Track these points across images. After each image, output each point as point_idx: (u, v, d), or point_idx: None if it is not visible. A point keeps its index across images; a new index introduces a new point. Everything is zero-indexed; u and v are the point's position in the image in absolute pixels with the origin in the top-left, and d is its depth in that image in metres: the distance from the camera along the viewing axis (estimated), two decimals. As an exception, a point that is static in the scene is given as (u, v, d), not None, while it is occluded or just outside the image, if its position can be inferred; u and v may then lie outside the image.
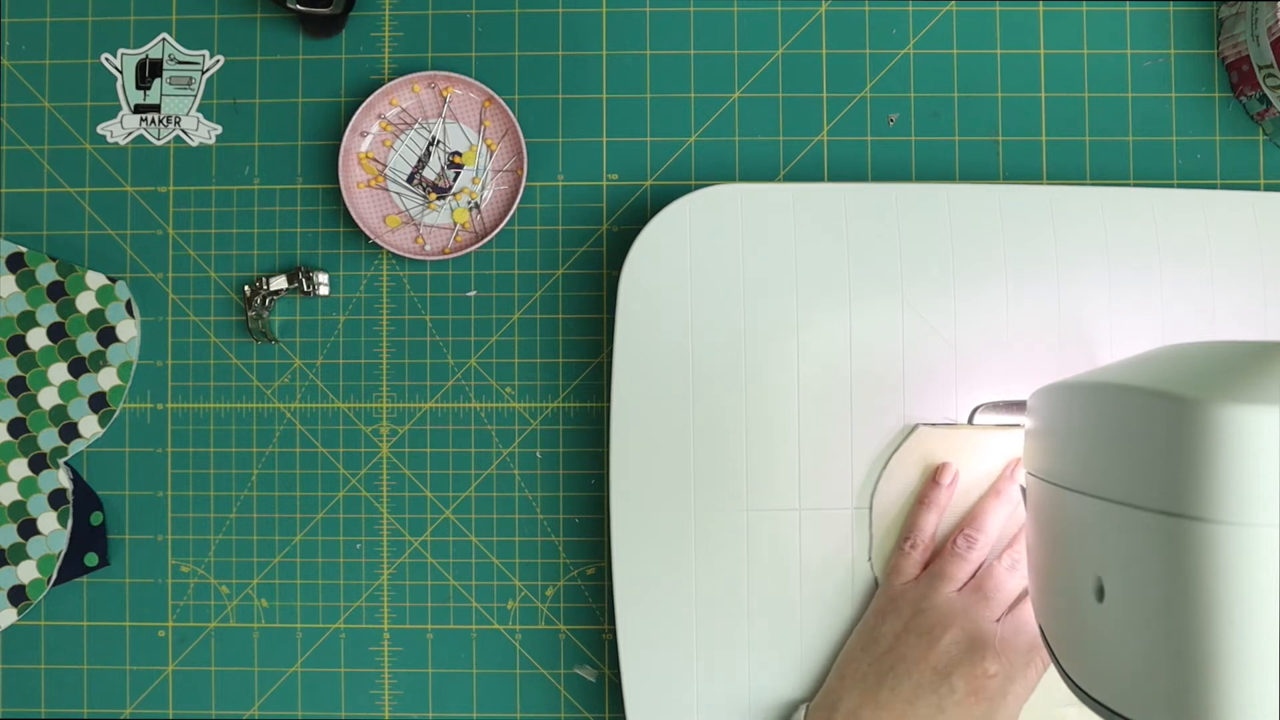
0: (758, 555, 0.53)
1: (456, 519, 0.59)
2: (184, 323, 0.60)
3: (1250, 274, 0.54)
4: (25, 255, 0.59)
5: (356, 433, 0.59)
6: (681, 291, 0.54)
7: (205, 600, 0.59)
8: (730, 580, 0.53)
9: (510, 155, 0.59)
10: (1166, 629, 0.32)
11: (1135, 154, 0.59)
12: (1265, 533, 0.30)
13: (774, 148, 0.59)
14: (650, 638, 0.53)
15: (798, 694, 0.53)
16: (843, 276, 0.54)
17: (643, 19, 0.60)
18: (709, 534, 0.53)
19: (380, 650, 0.59)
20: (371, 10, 0.60)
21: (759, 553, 0.53)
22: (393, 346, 0.60)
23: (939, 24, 0.59)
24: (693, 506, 0.53)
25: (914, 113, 0.59)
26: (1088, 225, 0.54)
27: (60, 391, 0.59)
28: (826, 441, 0.53)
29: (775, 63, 0.59)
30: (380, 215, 0.59)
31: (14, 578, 0.59)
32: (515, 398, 0.59)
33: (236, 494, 0.60)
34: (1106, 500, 0.36)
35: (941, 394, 0.53)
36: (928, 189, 0.55)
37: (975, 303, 0.54)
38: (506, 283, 0.60)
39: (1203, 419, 0.31)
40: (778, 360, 0.54)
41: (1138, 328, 0.54)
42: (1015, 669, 0.48)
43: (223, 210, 0.60)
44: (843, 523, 0.53)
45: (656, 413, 0.53)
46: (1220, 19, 0.59)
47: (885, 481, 0.53)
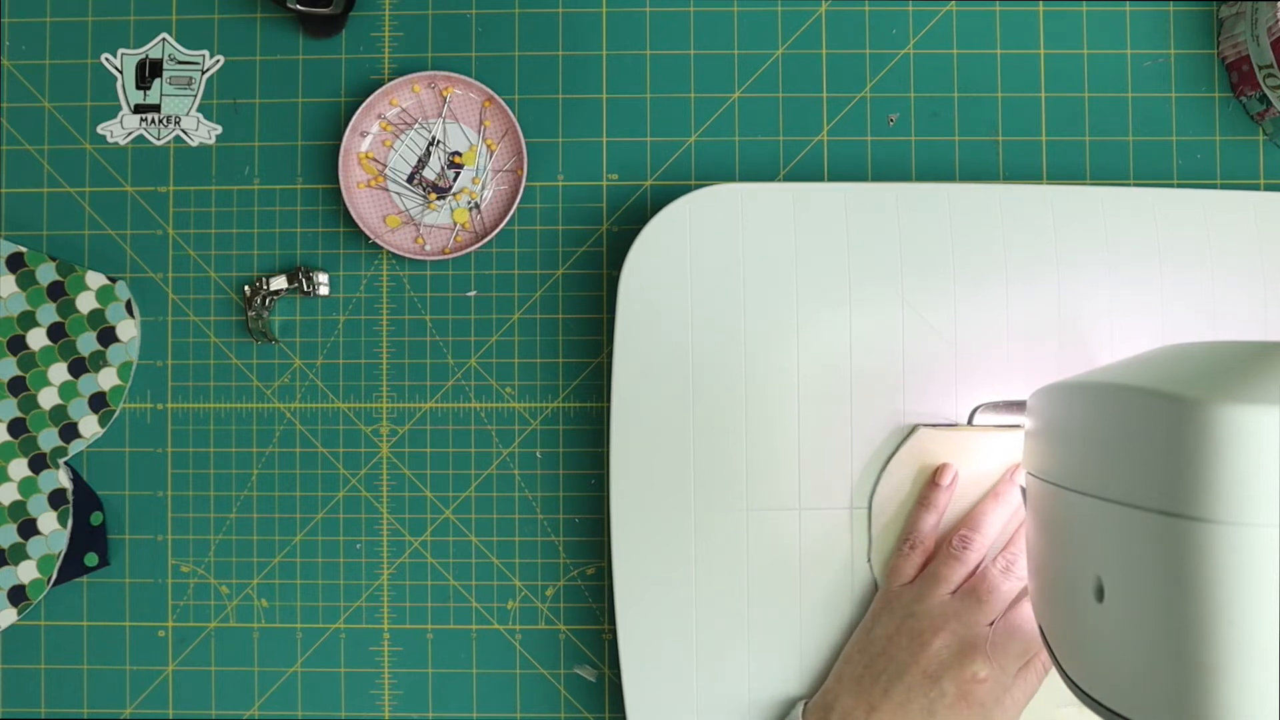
0: (758, 555, 0.53)
1: (456, 519, 0.59)
2: (184, 323, 0.60)
3: (1250, 274, 0.54)
4: (25, 255, 0.59)
5: (356, 433, 0.59)
6: (681, 291, 0.54)
7: (205, 600, 0.59)
8: (730, 580, 0.53)
9: (510, 155, 0.59)
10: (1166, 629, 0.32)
11: (1135, 154, 0.59)
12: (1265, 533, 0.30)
13: (774, 148, 0.59)
14: (650, 638, 0.53)
15: (797, 694, 0.53)
16: (843, 276, 0.54)
17: (643, 19, 0.60)
18: (709, 534, 0.53)
19: (380, 650, 0.59)
20: (371, 10, 0.60)
21: (759, 553, 0.53)
22: (393, 346, 0.60)
23: (939, 24, 0.59)
24: (693, 506, 0.53)
25: (914, 113, 0.59)
26: (1088, 225, 0.54)
27: (60, 391, 0.59)
28: (826, 441, 0.53)
29: (775, 63, 0.59)
30: (380, 215, 0.59)
31: (14, 578, 0.59)
32: (515, 398, 0.59)
33: (236, 494, 0.60)
34: (1106, 500, 0.36)
35: (941, 394, 0.53)
36: (928, 189, 0.55)
37: (975, 303, 0.54)
38: (506, 283, 0.60)
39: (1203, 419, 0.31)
40: (777, 360, 0.54)
41: (1138, 328, 0.54)
42: (1007, 674, 0.48)
43: (223, 210, 0.60)
44: (842, 523, 0.53)
45: (656, 413, 0.53)
46: (1220, 19, 0.59)
47: (885, 482, 0.53)
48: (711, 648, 0.53)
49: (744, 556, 0.53)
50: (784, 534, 0.53)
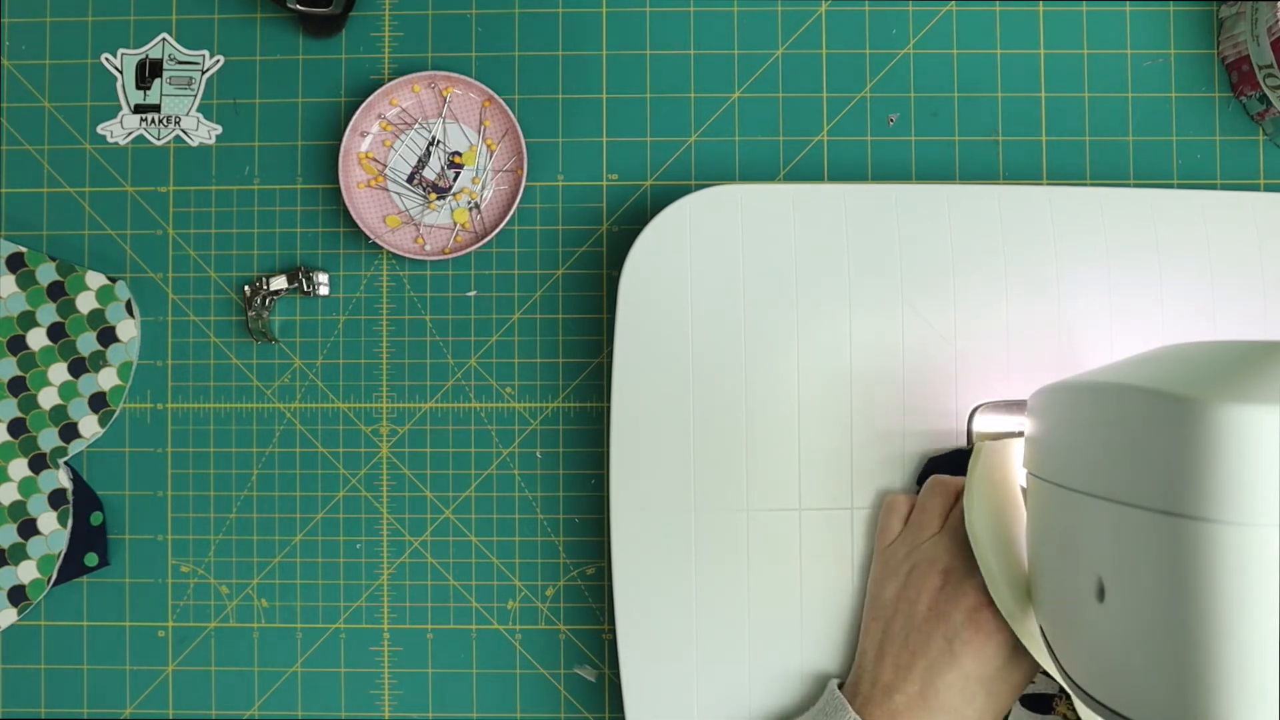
0: (758, 555, 0.53)
1: (456, 519, 0.59)
2: (184, 323, 0.60)
3: (1250, 274, 0.54)
4: (25, 255, 0.59)
5: (356, 433, 0.59)
6: (681, 291, 0.54)
7: (205, 600, 0.59)
8: (730, 580, 0.53)
9: (510, 155, 0.59)
10: (1167, 629, 0.32)
11: (1135, 154, 0.59)
12: (1265, 533, 0.30)
13: (774, 148, 0.59)
14: (650, 638, 0.53)
15: (798, 694, 0.53)
16: (843, 276, 0.54)
17: (643, 19, 0.60)
18: (709, 534, 0.53)
19: (380, 650, 0.59)
20: (371, 10, 0.60)
21: (759, 553, 0.53)
22: (393, 346, 0.60)
23: (939, 24, 0.59)
24: (693, 506, 0.53)
25: (914, 113, 0.59)
26: (1087, 225, 0.54)
27: (60, 391, 0.59)
28: (826, 441, 0.53)
29: (775, 63, 0.59)
30: (380, 215, 0.59)
31: (14, 578, 0.59)
32: (515, 398, 0.59)
33: (236, 494, 0.60)
34: (1106, 500, 0.36)
35: (941, 394, 0.53)
36: (928, 189, 0.55)
37: (975, 303, 0.54)
38: (506, 283, 0.60)
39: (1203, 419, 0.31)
40: (778, 360, 0.54)
41: (1137, 327, 0.54)
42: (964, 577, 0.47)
43: (223, 210, 0.60)
44: (842, 523, 0.53)
45: (656, 413, 0.53)
46: (1220, 19, 0.59)
47: (977, 510, 0.48)
48: (711, 648, 0.53)
49: (744, 556, 0.53)
50: (784, 534, 0.53)
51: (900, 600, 0.49)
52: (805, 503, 0.53)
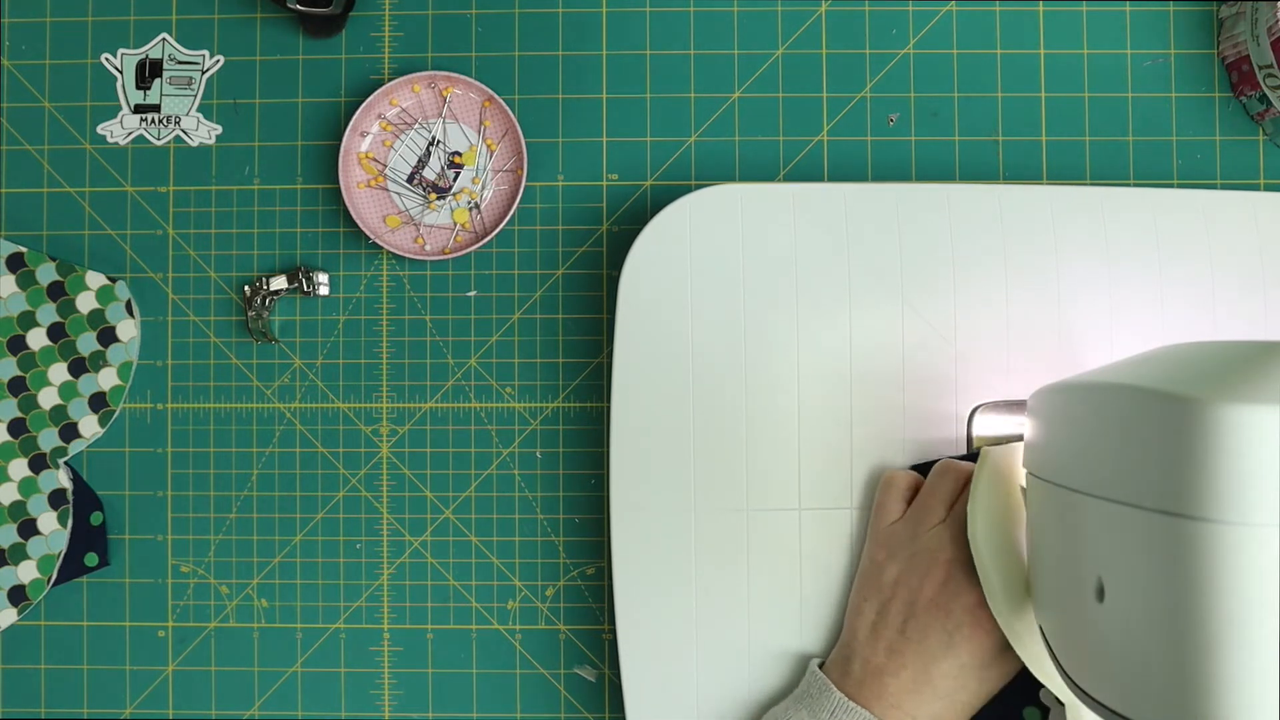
0: (758, 555, 0.53)
1: (456, 519, 0.59)
2: (184, 323, 0.60)
3: (1250, 274, 0.54)
4: (25, 255, 0.59)
5: (356, 433, 0.59)
6: (681, 291, 0.54)
7: (205, 600, 0.59)
8: (730, 580, 0.53)
9: (510, 155, 0.59)
10: (1166, 629, 0.32)
11: (1135, 154, 0.59)
12: (1265, 533, 0.30)
13: (774, 148, 0.59)
14: (650, 638, 0.53)
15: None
16: (843, 276, 0.54)
17: (643, 19, 0.60)
18: (709, 534, 0.53)
19: (380, 650, 0.59)
20: (371, 10, 0.60)
21: (759, 553, 0.53)
22: (393, 346, 0.60)
23: (939, 24, 0.59)
24: (693, 506, 0.53)
25: (914, 113, 0.59)
26: (1087, 225, 0.54)
27: (60, 391, 0.59)
28: (826, 441, 0.53)
29: (775, 63, 0.59)
30: (380, 215, 0.59)
31: (14, 578, 0.59)
32: (515, 398, 0.59)
33: (236, 494, 0.60)
34: (1106, 500, 0.36)
35: (941, 394, 0.53)
36: (928, 189, 0.55)
37: (975, 303, 0.54)
38: (506, 283, 0.60)
39: (1203, 419, 0.31)
40: (777, 360, 0.54)
41: (1137, 327, 0.54)
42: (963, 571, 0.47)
43: (223, 210, 0.60)
44: (842, 523, 0.53)
45: (656, 413, 0.53)
46: (1220, 19, 0.59)
47: (980, 516, 0.48)
48: (711, 648, 0.53)
49: (744, 556, 0.53)
50: (784, 534, 0.53)
51: (900, 585, 0.49)
52: (804, 503, 0.53)
